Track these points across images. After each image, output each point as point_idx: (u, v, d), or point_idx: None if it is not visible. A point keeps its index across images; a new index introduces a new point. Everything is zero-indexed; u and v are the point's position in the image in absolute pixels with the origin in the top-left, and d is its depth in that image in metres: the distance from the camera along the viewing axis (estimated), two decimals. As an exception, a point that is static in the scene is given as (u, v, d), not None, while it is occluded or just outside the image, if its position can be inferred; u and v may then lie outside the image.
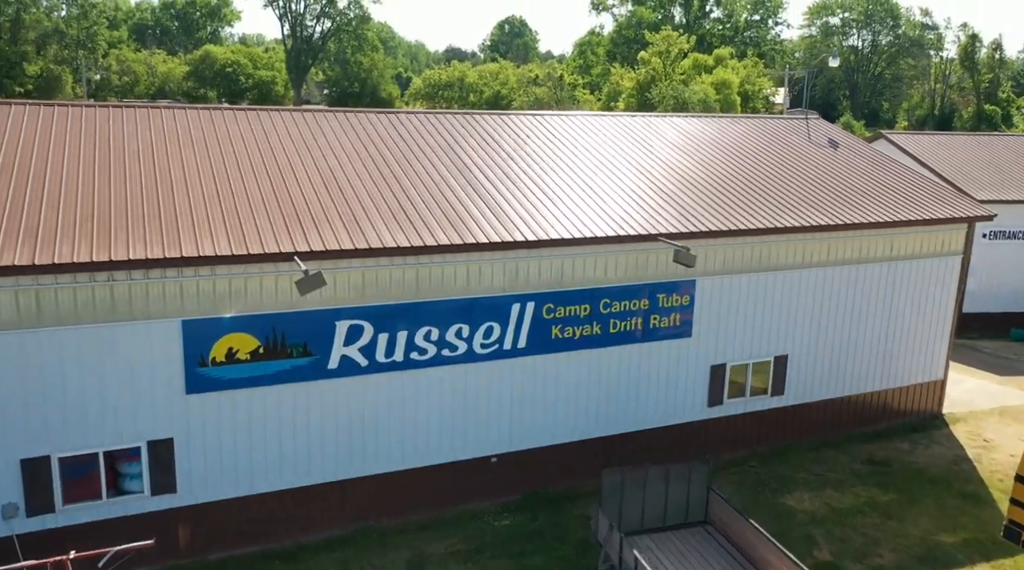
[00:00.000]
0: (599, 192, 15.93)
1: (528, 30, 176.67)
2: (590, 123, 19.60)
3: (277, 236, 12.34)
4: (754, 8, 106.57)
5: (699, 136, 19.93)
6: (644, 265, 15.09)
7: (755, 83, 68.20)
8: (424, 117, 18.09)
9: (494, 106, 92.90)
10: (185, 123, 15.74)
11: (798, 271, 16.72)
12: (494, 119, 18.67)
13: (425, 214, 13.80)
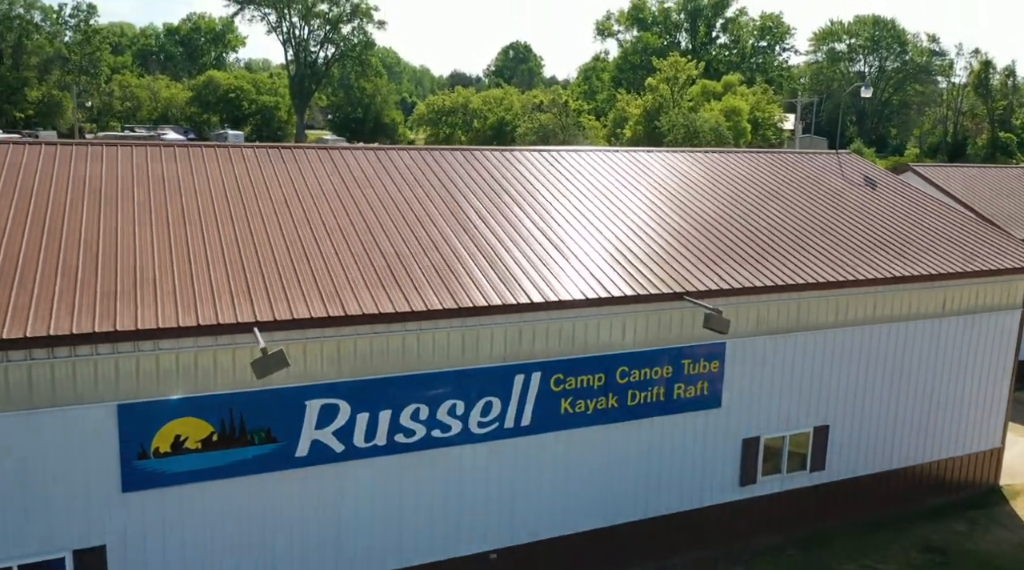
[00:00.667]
0: (615, 242, 13.99)
1: (533, 55, 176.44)
2: (602, 160, 17.74)
3: (236, 301, 10.39)
4: (761, 34, 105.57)
5: (721, 174, 18.03)
6: (667, 327, 13.10)
7: (765, 110, 66.63)
8: (418, 154, 16.24)
9: (498, 132, 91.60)
10: (136, 162, 13.90)
11: (840, 330, 14.70)
12: (497, 157, 16.81)
13: (415, 271, 11.86)
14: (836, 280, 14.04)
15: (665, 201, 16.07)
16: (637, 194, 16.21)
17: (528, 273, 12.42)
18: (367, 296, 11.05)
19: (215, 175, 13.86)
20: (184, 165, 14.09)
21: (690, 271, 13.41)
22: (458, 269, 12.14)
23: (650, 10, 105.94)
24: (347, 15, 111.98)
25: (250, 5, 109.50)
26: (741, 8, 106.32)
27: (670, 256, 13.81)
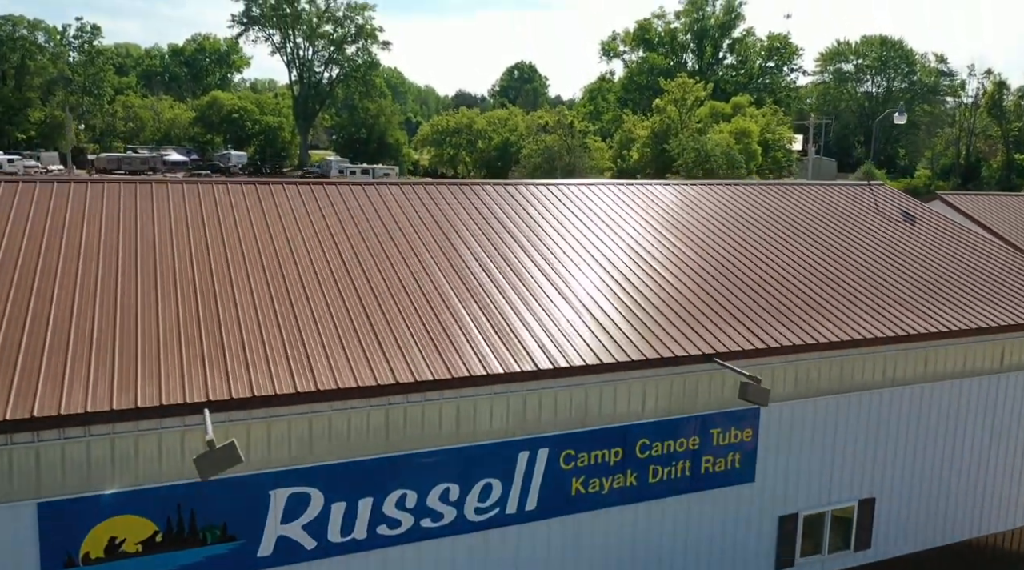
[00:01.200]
0: (631, 292, 12.32)
1: (537, 76, 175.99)
2: (613, 194, 16.11)
3: (186, 375, 8.74)
4: (768, 55, 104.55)
5: (744, 210, 16.37)
6: (693, 391, 11.38)
7: (775, 132, 65.18)
8: (411, 190, 14.62)
9: (503, 153, 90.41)
10: (74, 204, 12.33)
11: (887, 391, 12.95)
12: (499, 191, 15.18)
13: (402, 333, 10.19)
14: (885, 336, 12.31)
15: (685, 242, 14.41)
16: (653, 234, 14.56)
17: (534, 331, 10.74)
18: (344, 365, 9.37)
19: (166, 215, 12.27)
20: (129, 202, 12.52)
21: (718, 326, 11.72)
22: (453, 329, 10.47)
23: (656, 30, 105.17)
24: (351, 36, 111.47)
25: (254, 26, 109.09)
26: (748, 28, 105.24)
27: (694, 307, 12.12)
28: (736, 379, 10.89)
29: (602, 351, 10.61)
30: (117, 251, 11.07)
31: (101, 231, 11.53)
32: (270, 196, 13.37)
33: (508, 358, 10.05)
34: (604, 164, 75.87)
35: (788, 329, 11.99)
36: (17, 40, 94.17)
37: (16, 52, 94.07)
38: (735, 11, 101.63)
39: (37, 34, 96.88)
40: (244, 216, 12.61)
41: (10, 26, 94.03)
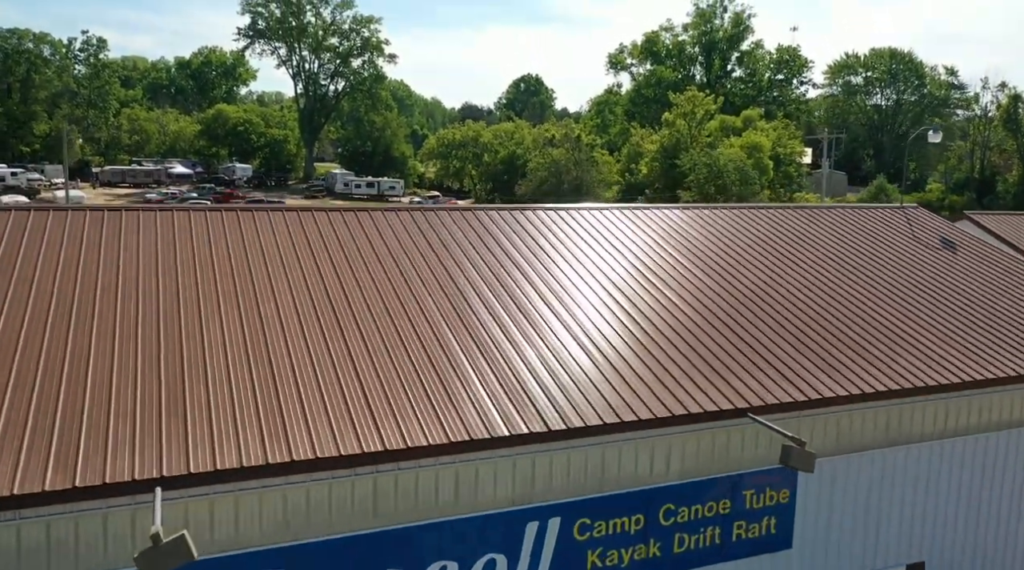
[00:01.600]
0: (652, 333, 11.02)
1: (544, 88, 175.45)
2: (629, 220, 14.85)
3: (139, 445, 7.48)
4: (778, 67, 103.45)
5: (770, 237, 15.08)
6: (723, 449, 10.06)
7: (787, 146, 63.92)
8: (410, 217, 13.38)
9: (509, 166, 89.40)
10: (31, 235, 11.14)
11: (941, 442, 11.60)
12: (506, 218, 13.91)
13: (394, 388, 8.90)
14: (939, 383, 10.98)
15: (710, 275, 13.11)
16: (675, 266, 13.27)
17: (544, 383, 9.44)
18: (325, 428, 8.09)
19: (134, 246, 11.06)
20: (94, 232, 11.32)
21: (750, 373, 10.40)
22: (452, 383, 9.17)
23: (664, 43, 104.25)
24: (357, 49, 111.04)
25: (260, 39, 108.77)
26: (757, 41, 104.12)
27: (723, 351, 10.81)
28: (773, 435, 9.58)
29: (621, 406, 9.30)
30: (73, 288, 9.86)
31: (57, 267, 10.32)
32: (252, 225, 12.16)
33: (515, 417, 8.75)
34: (612, 178, 74.73)
35: (828, 376, 10.66)
36: (23, 53, 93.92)
37: (22, 65, 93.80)
38: (744, 24, 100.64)
39: (43, 47, 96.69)
40: (221, 248, 11.39)
41: (16, 39, 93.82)
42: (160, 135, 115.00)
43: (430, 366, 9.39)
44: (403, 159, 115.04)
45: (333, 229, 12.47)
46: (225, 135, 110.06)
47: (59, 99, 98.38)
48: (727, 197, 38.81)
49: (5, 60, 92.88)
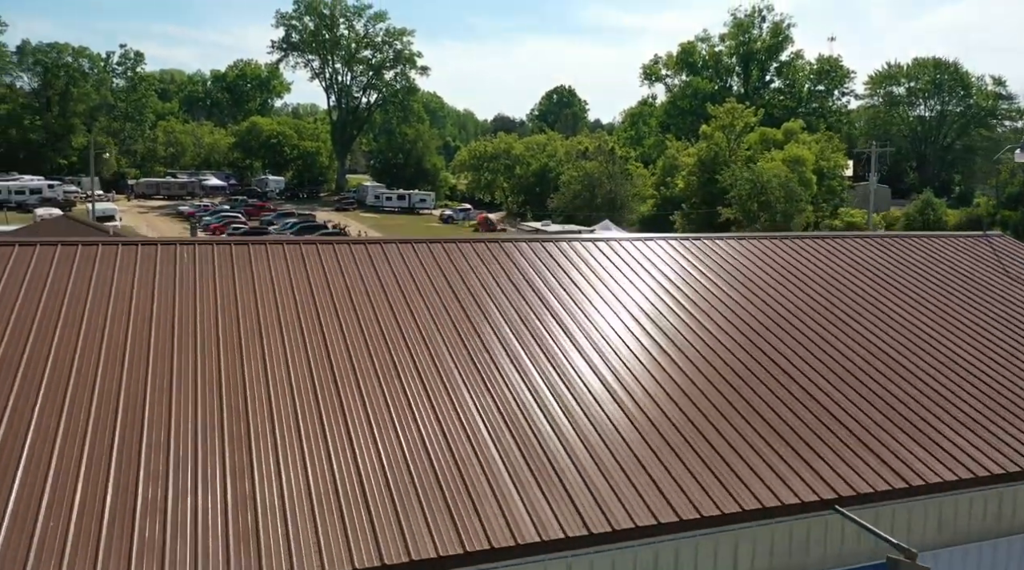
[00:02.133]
0: (713, 398, 9.38)
1: (576, 100, 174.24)
2: (675, 251, 13.24)
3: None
4: (818, 78, 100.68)
5: (841, 273, 13.32)
6: (802, 546, 8.36)
7: (830, 159, 61.50)
8: (428, 251, 11.92)
9: (541, 179, 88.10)
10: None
11: (1055, 529, 9.75)
12: (540, 253, 12.38)
13: (400, 483, 7.39)
14: (1060, 462, 9.15)
15: (776, 322, 11.41)
16: (732, 307, 11.61)
17: (586, 472, 7.83)
18: (313, 548, 6.61)
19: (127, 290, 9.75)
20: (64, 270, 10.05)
21: (836, 451, 8.70)
22: (474, 474, 7.62)
23: (700, 54, 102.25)
24: (390, 61, 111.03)
25: (294, 52, 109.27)
26: (797, 51, 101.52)
27: (801, 422, 9.13)
28: (860, 526, 7.88)
29: (677, 496, 7.67)
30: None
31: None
32: (247, 262, 10.79)
33: (549, 518, 7.17)
34: (646, 191, 72.91)
35: (928, 452, 8.91)
36: (62, 67, 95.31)
37: (61, 79, 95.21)
38: (783, 33, 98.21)
39: (82, 61, 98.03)
40: (208, 290, 10.04)
41: (55, 54, 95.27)
42: (195, 147, 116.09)
43: (446, 453, 7.86)
44: (435, 171, 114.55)
45: (338, 264, 11.06)
46: (258, 147, 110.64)
47: (97, 112, 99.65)
48: (771, 215, 36.86)
49: (45, 74, 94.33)
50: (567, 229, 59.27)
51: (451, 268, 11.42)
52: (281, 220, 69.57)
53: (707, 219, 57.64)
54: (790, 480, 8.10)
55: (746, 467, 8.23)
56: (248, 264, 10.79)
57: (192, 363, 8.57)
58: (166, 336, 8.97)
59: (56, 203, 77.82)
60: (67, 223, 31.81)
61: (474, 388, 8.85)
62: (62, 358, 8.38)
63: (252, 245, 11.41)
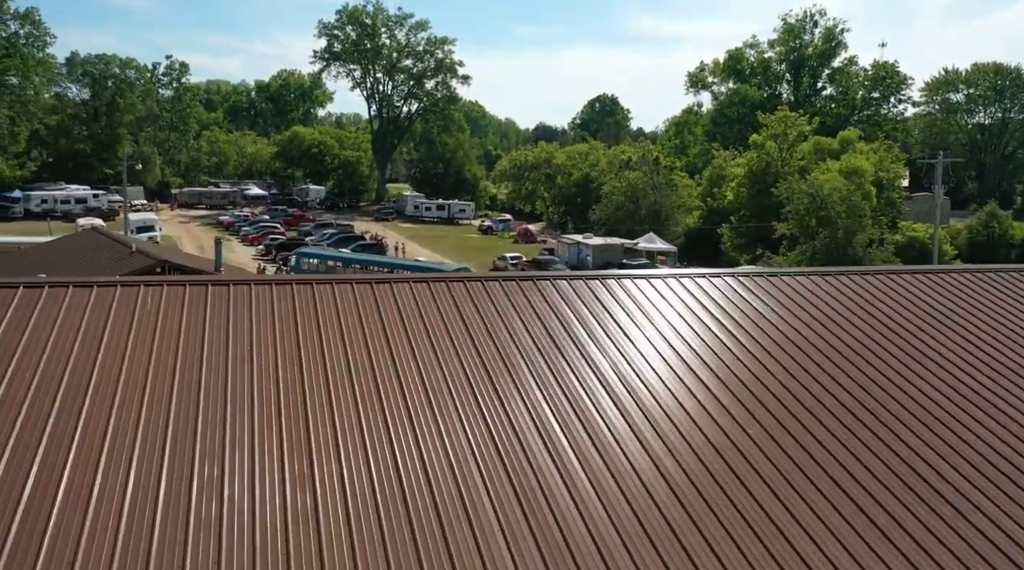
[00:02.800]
0: (755, 459, 7.36)
1: (619, 108, 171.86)
2: (753, 294, 11.20)
3: None
4: (873, 84, 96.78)
5: (949, 318, 11.11)
6: None
7: (889, 170, 58.30)
8: (447, 291, 10.08)
9: (583, 189, 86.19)
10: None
11: None
12: (583, 293, 10.43)
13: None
14: None
15: (855, 363, 9.30)
16: (802, 347, 9.53)
17: (600, 534, 5.93)
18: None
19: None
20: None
21: (943, 541, 6.63)
22: (460, 530, 5.78)
23: (748, 60, 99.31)
24: (431, 70, 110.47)
25: (336, 62, 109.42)
26: (851, 57, 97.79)
27: (884, 487, 7.06)
28: None
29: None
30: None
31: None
32: (226, 304, 9.08)
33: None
34: (692, 202, 70.43)
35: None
36: (109, 78, 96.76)
37: (108, 90, 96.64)
38: (836, 39, 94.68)
39: (129, 72, 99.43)
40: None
41: (103, 65, 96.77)
42: (238, 157, 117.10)
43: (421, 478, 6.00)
44: (475, 181, 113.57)
45: (335, 304, 9.31)
46: (300, 157, 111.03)
47: (143, 123, 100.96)
48: (832, 231, 34.33)
49: (93, 85, 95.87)
50: (609, 242, 57.30)
51: (475, 318, 9.59)
52: (319, 231, 68.96)
53: (758, 233, 54.97)
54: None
55: (810, 542, 6.24)
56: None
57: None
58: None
59: (100, 213, 78.59)
60: (91, 237, 30.95)
61: (470, 420, 6.99)
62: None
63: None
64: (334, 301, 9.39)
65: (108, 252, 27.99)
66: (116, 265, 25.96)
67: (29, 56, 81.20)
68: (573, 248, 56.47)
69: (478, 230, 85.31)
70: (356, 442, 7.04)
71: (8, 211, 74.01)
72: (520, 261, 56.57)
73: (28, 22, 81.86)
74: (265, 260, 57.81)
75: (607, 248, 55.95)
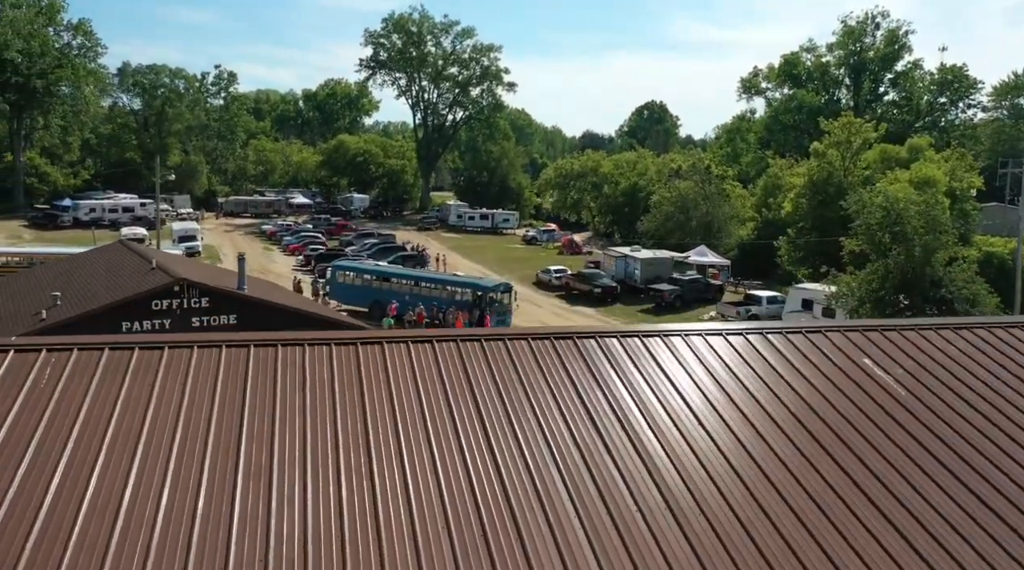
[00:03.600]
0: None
1: (668, 115, 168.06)
2: (870, 353, 8.73)
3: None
4: (940, 89, 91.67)
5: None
6: None
7: (963, 179, 54.21)
8: (462, 358, 7.89)
9: (631, 198, 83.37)
10: None
11: None
12: (637, 352, 8.13)
13: None
14: None
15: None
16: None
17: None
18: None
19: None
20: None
21: None
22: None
23: (804, 65, 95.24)
24: (476, 78, 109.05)
25: (381, 70, 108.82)
26: (916, 60, 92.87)
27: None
28: None
29: None
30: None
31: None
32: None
33: None
34: (746, 213, 67.14)
35: None
36: (159, 88, 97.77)
37: (158, 99, 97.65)
38: (900, 41, 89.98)
39: (178, 82, 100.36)
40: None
41: (153, 75, 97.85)
42: (284, 166, 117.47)
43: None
44: (519, 190, 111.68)
45: (314, 371, 7.19)
46: (345, 165, 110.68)
47: (191, 132, 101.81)
48: (908, 248, 31.09)
49: (143, 95, 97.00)
50: (658, 255, 54.49)
51: (491, 397, 7.37)
52: (360, 241, 67.72)
53: (818, 248, 51.54)
54: None
55: None
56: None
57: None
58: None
59: (147, 222, 78.86)
60: (117, 251, 29.72)
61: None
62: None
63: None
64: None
65: (130, 267, 26.63)
66: (135, 283, 24.56)
67: (80, 66, 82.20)
68: (620, 261, 53.76)
69: (522, 240, 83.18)
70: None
71: (57, 220, 74.75)
72: (564, 274, 54.18)
73: (81, 33, 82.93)
74: (304, 271, 56.67)
75: (656, 262, 53.12)
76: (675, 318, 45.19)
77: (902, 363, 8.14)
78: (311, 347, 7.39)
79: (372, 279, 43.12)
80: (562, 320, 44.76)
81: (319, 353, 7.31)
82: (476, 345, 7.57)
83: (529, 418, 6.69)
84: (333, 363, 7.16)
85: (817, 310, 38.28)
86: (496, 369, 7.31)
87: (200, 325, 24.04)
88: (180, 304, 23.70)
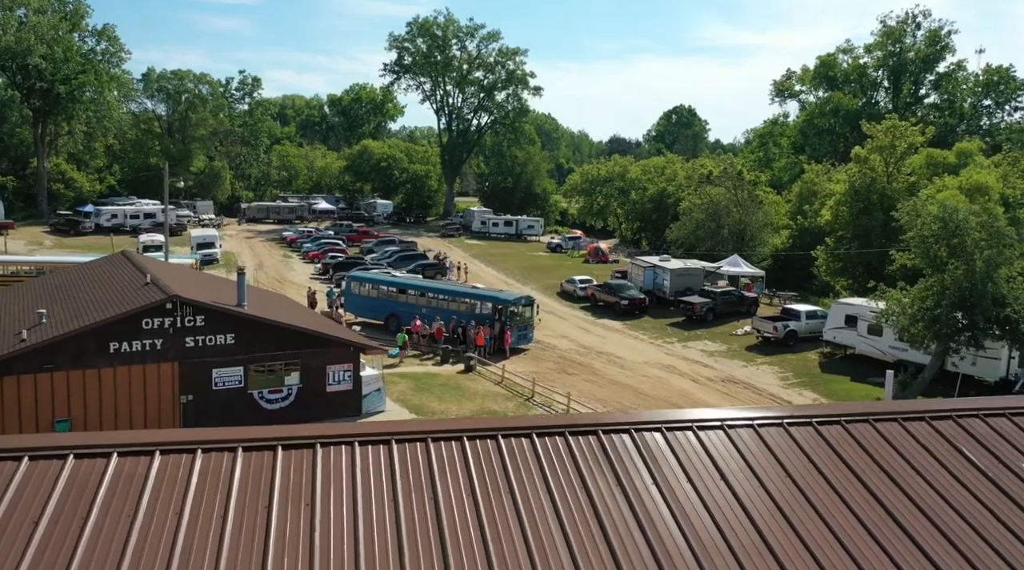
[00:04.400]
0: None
1: (697, 120, 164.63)
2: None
3: None
4: (985, 91, 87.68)
5: None
6: None
7: (1015, 186, 50.91)
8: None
9: (659, 205, 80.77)
10: None
11: None
12: (685, 448, 5.96)
13: None
14: None
15: None
16: None
17: None
18: None
19: None
20: None
21: None
22: None
23: (841, 67, 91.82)
24: (502, 82, 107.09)
25: (406, 74, 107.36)
26: (958, 61, 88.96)
27: None
28: None
29: None
30: None
31: None
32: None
33: None
34: (780, 221, 64.18)
35: None
36: (183, 93, 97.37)
37: (182, 105, 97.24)
38: (943, 42, 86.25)
39: (202, 88, 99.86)
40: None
41: (178, 80, 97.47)
42: (307, 171, 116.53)
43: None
44: (544, 195, 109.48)
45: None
46: (369, 171, 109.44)
47: (214, 137, 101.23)
48: (967, 263, 28.38)
49: (167, 100, 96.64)
50: (689, 265, 51.95)
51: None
52: (381, 248, 65.97)
53: (860, 259, 48.69)
54: None
55: None
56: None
57: None
58: None
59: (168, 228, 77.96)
60: (118, 262, 28.12)
61: None
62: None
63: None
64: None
65: (124, 282, 24.97)
66: (127, 298, 22.88)
67: (103, 71, 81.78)
68: (648, 272, 51.25)
69: (546, 248, 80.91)
70: None
71: (79, 226, 74.15)
72: (590, 285, 51.86)
73: (105, 38, 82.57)
74: (322, 280, 55.07)
75: (686, 273, 50.55)
76: (707, 333, 42.70)
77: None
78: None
79: (388, 291, 41.26)
80: (587, 335, 42.48)
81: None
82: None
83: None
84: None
85: (862, 327, 35.49)
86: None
87: (195, 345, 22.31)
88: (173, 323, 21.98)
